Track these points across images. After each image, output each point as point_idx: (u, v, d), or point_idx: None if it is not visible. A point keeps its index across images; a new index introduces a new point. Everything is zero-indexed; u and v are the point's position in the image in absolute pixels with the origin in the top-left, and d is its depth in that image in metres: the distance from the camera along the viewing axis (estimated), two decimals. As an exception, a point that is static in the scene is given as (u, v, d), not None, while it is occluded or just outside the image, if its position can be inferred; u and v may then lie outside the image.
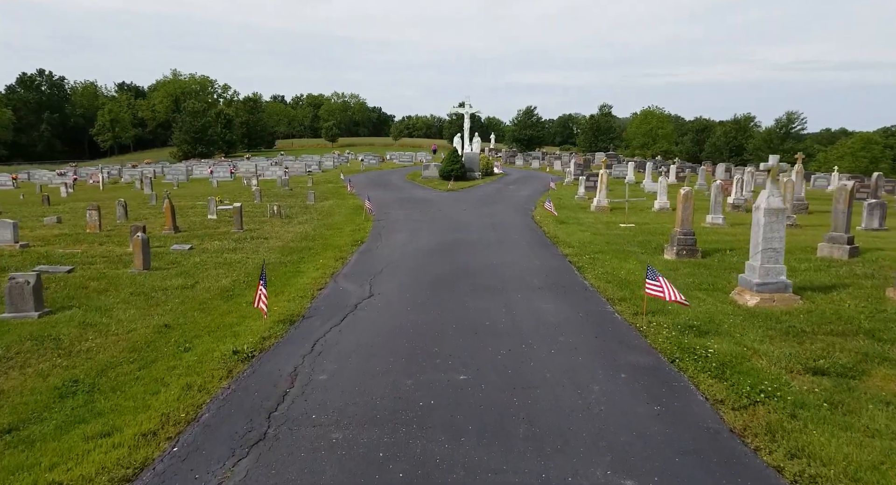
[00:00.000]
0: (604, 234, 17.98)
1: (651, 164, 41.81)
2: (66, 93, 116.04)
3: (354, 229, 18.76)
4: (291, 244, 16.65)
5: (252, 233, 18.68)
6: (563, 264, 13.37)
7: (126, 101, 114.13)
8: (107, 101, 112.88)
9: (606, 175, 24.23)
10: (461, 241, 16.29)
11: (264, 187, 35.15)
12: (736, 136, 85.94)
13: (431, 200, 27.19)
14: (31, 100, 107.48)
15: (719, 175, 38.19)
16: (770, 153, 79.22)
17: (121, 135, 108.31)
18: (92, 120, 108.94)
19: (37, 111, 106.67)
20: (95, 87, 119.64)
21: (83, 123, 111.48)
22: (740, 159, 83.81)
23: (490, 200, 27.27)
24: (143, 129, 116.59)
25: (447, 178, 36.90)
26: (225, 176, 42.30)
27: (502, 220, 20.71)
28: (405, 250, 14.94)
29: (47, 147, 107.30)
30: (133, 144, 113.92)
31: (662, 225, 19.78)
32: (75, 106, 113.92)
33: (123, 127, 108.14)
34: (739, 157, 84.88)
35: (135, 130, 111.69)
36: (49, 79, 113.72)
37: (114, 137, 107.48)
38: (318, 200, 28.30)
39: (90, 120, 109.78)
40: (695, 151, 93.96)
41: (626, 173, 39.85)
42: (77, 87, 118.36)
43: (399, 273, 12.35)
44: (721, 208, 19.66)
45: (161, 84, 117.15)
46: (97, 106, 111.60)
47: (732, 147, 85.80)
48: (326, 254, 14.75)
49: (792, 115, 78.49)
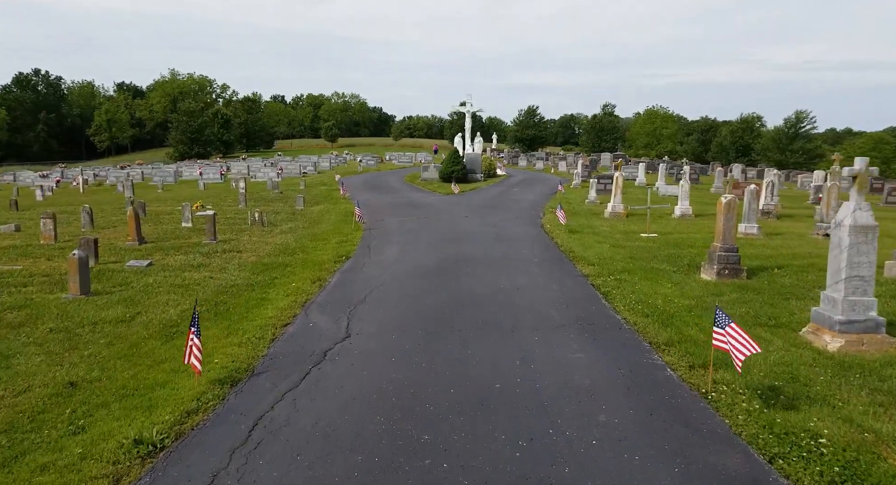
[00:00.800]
0: (624, 246, 15.64)
1: (664, 165, 39.45)
2: (63, 93, 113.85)
3: (341, 241, 16.42)
4: (266, 259, 14.32)
5: (226, 244, 16.35)
6: (585, 289, 11.01)
7: (123, 101, 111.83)
8: (104, 101, 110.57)
9: (622, 178, 21.88)
10: (462, 256, 13.95)
11: (253, 190, 32.85)
12: (742, 135, 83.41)
13: (430, 205, 24.85)
14: (26, 100, 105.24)
15: (736, 175, 35.78)
16: (779, 154, 76.89)
17: (118, 135, 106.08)
18: (89, 120, 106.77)
19: (33, 111, 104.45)
20: (93, 86, 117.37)
21: (80, 123, 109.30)
22: (747, 160, 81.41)
23: (494, 206, 24.92)
24: (142, 129, 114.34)
25: (447, 180, 34.56)
26: (215, 178, 39.99)
27: (508, 229, 18.36)
28: (396, 270, 12.59)
29: (44, 148, 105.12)
30: (131, 144, 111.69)
31: (688, 235, 17.43)
32: (72, 106, 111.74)
33: (120, 127, 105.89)
34: (746, 157, 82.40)
35: (132, 130, 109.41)
36: (45, 78, 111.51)
37: (110, 137, 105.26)
38: (307, 205, 25.97)
39: (87, 120, 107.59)
40: (700, 151, 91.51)
41: (637, 175, 37.49)
42: (74, 86, 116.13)
43: (386, 303, 10.01)
44: (755, 216, 17.30)
45: (159, 84, 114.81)
46: (94, 106, 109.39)
47: (739, 147, 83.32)
48: (303, 274, 12.42)
49: (801, 115, 75.77)
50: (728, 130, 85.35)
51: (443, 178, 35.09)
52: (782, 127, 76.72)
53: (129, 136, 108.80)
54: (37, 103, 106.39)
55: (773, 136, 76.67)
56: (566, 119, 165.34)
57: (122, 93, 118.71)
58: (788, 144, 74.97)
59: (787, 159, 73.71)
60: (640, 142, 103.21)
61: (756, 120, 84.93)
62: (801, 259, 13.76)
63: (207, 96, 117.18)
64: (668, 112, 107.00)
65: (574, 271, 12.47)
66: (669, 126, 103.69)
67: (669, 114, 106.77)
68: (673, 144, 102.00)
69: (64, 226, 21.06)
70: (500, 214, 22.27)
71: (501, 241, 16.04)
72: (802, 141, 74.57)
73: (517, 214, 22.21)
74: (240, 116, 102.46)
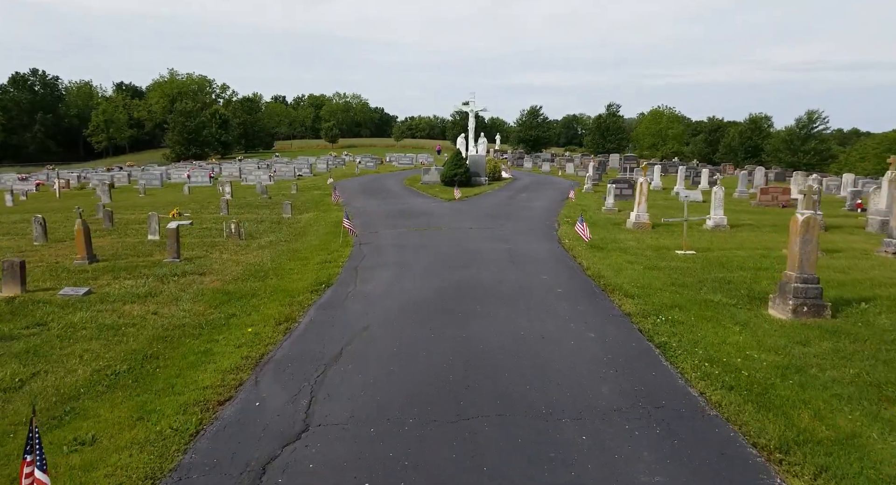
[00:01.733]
0: (660, 267, 12.97)
1: (683, 168, 36.73)
2: (61, 93, 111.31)
3: (325, 261, 13.77)
4: (231, 286, 11.69)
5: (189, 264, 13.73)
6: (633, 337, 8.33)
7: (122, 101, 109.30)
8: (101, 101, 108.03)
9: (647, 185, 19.20)
10: (469, 285, 11.28)
11: (241, 195, 30.24)
12: (751, 136, 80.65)
13: (430, 214, 22.18)
14: (23, 100, 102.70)
15: (759, 180, 33.08)
16: (790, 155, 74.05)
17: (115, 136, 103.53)
18: (87, 121, 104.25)
19: (29, 112, 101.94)
20: (90, 86, 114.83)
21: (78, 123, 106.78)
22: (757, 161, 78.65)
23: (501, 214, 22.24)
24: (141, 130, 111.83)
25: (450, 183, 31.90)
26: (203, 181, 37.40)
27: (521, 245, 15.68)
28: (386, 307, 9.92)
29: (40, 148, 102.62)
30: (129, 144, 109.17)
31: (731, 252, 14.74)
32: (70, 106, 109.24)
33: (118, 128, 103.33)
34: (755, 158, 79.65)
35: (131, 130, 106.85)
36: (42, 78, 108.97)
37: (108, 137, 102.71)
38: (295, 212, 23.34)
39: (85, 121, 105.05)
40: (707, 151, 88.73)
41: (653, 178, 34.78)
42: (71, 86, 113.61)
43: (367, 363, 7.34)
44: (811, 231, 14.56)
45: (157, 84, 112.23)
46: (92, 106, 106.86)
47: (748, 148, 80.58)
48: (269, 309, 9.78)
49: (813, 115, 72.87)
50: (737, 130, 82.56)
51: (444, 181, 32.45)
52: (794, 127, 73.85)
53: (127, 136, 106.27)
54: (34, 104, 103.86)
55: (785, 136, 73.78)
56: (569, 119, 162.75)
57: (121, 93, 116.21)
58: (800, 145, 72.13)
59: (800, 160, 70.90)
60: (646, 142, 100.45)
61: (765, 120, 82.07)
62: (886, 288, 11.09)
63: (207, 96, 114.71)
64: (674, 112, 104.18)
65: (611, 308, 9.79)
66: (675, 126, 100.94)
67: (675, 114, 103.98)
68: (679, 144, 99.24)
69: (16, 238, 18.50)
70: (510, 224, 19.60)
71: (515, 262, 13.36)
72: (815, 142, 71.72)
73: (529, 225, 19.54)
74: (239, 117, 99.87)
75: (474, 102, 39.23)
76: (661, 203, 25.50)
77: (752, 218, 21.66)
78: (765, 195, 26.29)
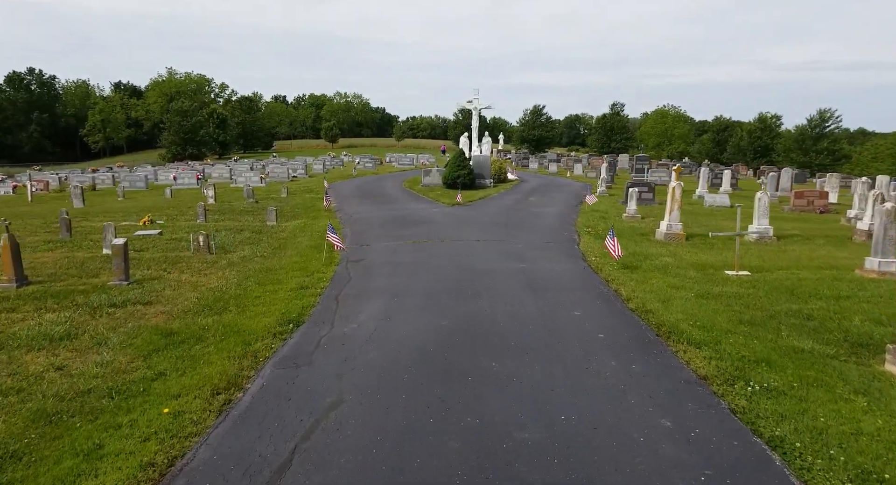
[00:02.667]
0: (716, 295, 10.33)
1: (706, 169, 34.02)
2: (57, 92, 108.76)
3: (302, 286, 11.13)
4: (177, 323, 9.06)
5: (137, 289, 11.12)
6: (730, 432, 5.62)
7: (119, 100, 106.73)
8: (98, 100, 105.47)
9: (679, 190, 16.57)
10: (479, 329, 8.61)
11: (226, 199, 27.63)
12: (761, 136, 77.85)
13: (431, 222, 19.53)
14: (19, 99, 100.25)
15: (784, 182, 30.40)
16: (802, 155, 71.26)
17: (112, 136, 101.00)
18: (84, 120, 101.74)
19: (25, 111, 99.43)
20: (88, 86, 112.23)
21: (75, 123, 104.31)
22: (766, 161, 75.94)
23: (512, 222, 19.58)
24: (139, 129, 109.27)
25: (452, 186, 29.29)
26: (190, 183, 34.79)
27: (541, 265, 12.99)
28: (368, 364, 7.25)
29: (36, 148, 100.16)
30: (126, 144, 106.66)
31: (792, 274, 12.09)
32: (66, 106, 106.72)
33: (115, 128, 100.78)
34: (765, 158, 76.92)
35: (128, 130, 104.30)
36: (39, 78, 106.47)
37: (105, 137, 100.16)
38: (281, 220, 20.74)
39: (82, 120, 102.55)
40: (715, 151, 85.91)
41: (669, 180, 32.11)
42: (69, 86, 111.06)
43: (330, 480, 4.71)
44: (893, 246, 11.93)
45: (156, 83, 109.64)
46: (89, 106, 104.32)
47: (757, 147, 77.82)
48: (210, 366, 7.15)
49: (825, 114, 70.03)
50: (746, 129, 79.77)
51: (447, 183, 29.83)
52: (805, 127, 71.08)
53: (124, 136, 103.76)
54: (30, 103, 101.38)
55: (796, 136, 71.00)
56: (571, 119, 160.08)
57: (119, 92, 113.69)
58: (812, 145, 69.37)
59: (812, 161, 68.16)
60: (651, 142, 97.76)
61: (774, 119, 79.25)
62: None
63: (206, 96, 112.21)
64: (680, 111, 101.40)
65: (678, 367, 7.12)
66: (680, 126, 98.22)
67: (681, 114, 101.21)
68: (685, 144, 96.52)
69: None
70: (522, 235, 16.93)
71: (535, 288, 10.69)
72: (828, 141, 68.93)
73: (544, 237, 16.88)
74: (237, 116, 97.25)
75: (478, 100, 36.56)
76: (686, 208, 22.80)
77: (794, 227, 19.00)
78: (799, 200, 23.64)
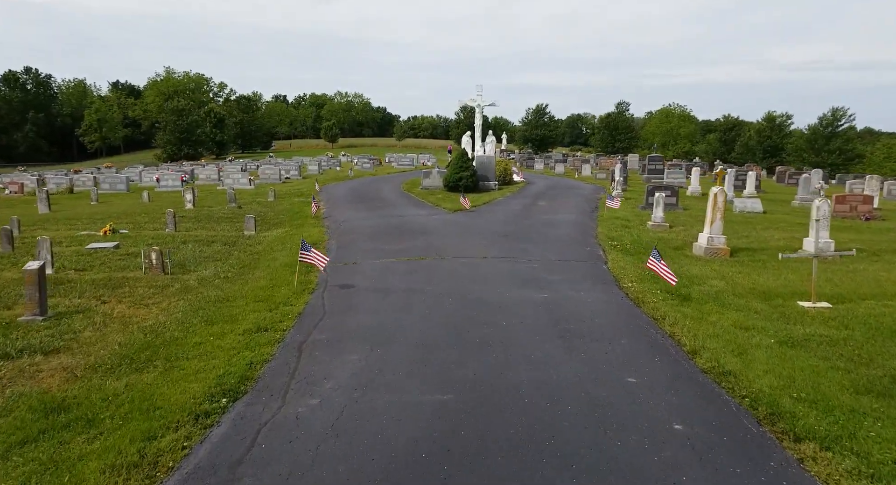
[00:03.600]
0: (804, 341, 7.72)
1: (733, 171, 31.39)
2: (54, 91, 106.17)
3: (256, 329, 8.46)
4: (75, 388, 6.45)
5: (50, 328, 8.52)
6: None
7: (116, 100, 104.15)
8: (95, 100, 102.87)
9: (723, 197, 13.90)
10: (494, 407, 5.96)
11: (208, 203, 25.00)
12: (770, 135, 75.10)
13: (429, 232, 16.88)
14: (14, 98, 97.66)
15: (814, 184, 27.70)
16: (813, 154, 68.45)
17: (109, 135, 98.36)
18: (81, 120, 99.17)
19: (21, 111, 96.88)
20: (85, 85, 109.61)
21: (71, 122, 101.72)
22: (776, 161, 73.19)
23: (522, 233, 16.93)
24: (137, 129, 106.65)
25: (454, 189, 26.70)
26: (174, 185, 32.14)
27: (566, 293, 10.26)
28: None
29: (32, 148, 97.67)
30: (124, 144, 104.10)
31: (889, 307, 9.43)
32: (63, 105, 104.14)
33: (112, 127, 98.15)
34: (775, 158, 74.17)
35: (125, 130, 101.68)
36: (35, 77, 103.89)
37: (101, 137, 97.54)
38: (262, 228, 18.16)
39: (79, 120, 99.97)
40: (722, 151, 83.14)
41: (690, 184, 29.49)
42: (65, 85, 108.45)
43: None
44: None
45: (153, 83, 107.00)
46: (86, 105, 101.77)
47: (766, 147, 75.06)
48: (77, 489, 4.53)
49: (837, 112, 67.21)
50: (755, 129, 77.02)
51: (448, 186, 27.22)
52: (817, 125, 68.28)
53: (121, 136, 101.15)
54: (25, 102, 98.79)
55: (809, 135, 68.21)
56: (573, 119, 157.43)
57: (118, 92, 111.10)
58: (825, 145, 66.57)
59: (824, 161, 65.37)
60: (656, 141, 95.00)
61: (785, 118, 76.44)
62: None
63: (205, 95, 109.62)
64: (685, 111, 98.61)
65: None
66: (686, 125, 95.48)
67: (687, 113, 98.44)
68: (691, 143, 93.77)
69: None
70: (537, 250, 14.27)
71: (565, 336, 8.02)
72: (841, 141, 66.14)
73: (564, 252, 14.21)
74: (235, 116, 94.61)
75: (481, 97, 33.97)
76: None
77: (850, 239, 16.31)
78: (841, 205, 20.97)
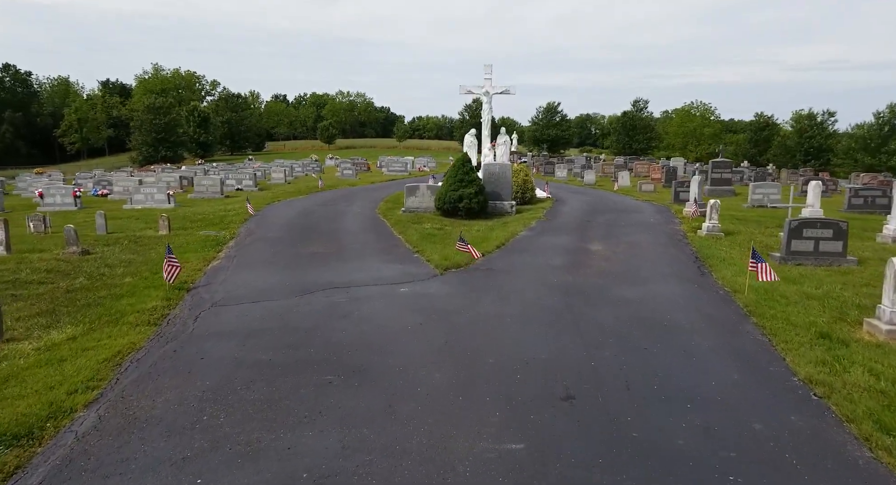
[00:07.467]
0: None
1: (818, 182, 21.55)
2: (34, 90, 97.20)
3: None
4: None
5: None
6: None
7: (100, 99, 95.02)
8: (76, 98, 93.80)
9: None
10: None
11: (42, 246, 15.46)
12: (813, 135, 65.01)
13: (374, 365, 7.16)
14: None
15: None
16: (868, 156, 58.45)
17: (90, 136, 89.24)
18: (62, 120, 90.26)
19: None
20: (68, 83, 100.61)
21: (52, 122, 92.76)
22: (819, 163, 63.08)
23: (600, 355, 7.16)
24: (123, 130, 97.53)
25: (451, 213, 17.21)
26: (64, 203, 22.60)
27: None
28: None
29: (10, 149, 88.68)
30: (108, 145, 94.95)
31: None
32: (44, 104, 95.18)
33: (93, 127, 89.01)
34: (818, 160, 64.07)
35: (108, 130, 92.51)
36: (14, 74, 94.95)
37: (82, 138, 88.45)
38: (34, 326, 8.57)
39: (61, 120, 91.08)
40: (753, 152, 72.95)
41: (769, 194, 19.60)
42: (48, 84, 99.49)
43: None
44: None
45: (141, 81, 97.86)
46: (69, 104, 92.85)
47: (808, 148, 65.02)
48: None
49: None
50: (795, 128, 67.00)
51: (442, 208, 17.65)
52: (873, 124, 58.22)
53: (104, 137, 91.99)
54: (2, 101, 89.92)
55: (864, 134, 58.14)
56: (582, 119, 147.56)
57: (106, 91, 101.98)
58: (882, 145, 56.54)
59: (882, 163, 55.35)
60: (677, 143, 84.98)
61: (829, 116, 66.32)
62: None
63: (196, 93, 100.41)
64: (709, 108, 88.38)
65: None
66: (711, 125, 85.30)
67: (710, 111, 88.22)
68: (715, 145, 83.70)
69: None
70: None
71: None
72: (898, 142, 56.11)
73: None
74: (223, 115, 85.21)
75: (490, 81, 24.10)
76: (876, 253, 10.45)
77: None
78: None
